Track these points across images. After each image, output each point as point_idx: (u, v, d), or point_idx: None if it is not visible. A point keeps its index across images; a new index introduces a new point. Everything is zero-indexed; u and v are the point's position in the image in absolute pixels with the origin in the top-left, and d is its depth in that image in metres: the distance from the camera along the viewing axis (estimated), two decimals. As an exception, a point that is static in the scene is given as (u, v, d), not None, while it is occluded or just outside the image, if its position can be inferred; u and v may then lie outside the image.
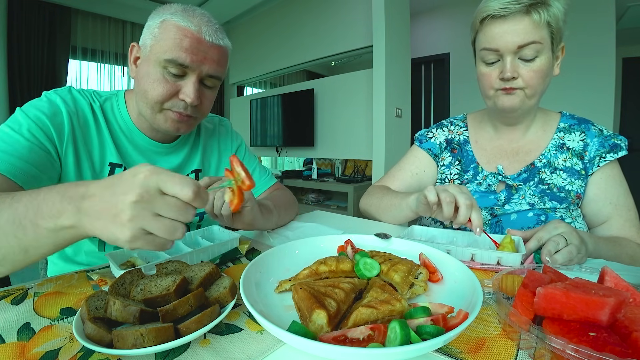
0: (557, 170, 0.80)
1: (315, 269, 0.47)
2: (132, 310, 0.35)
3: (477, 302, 0.35)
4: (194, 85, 0.66)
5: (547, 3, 0.68)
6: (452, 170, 0.92)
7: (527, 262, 0.57)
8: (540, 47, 0.69)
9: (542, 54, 0.70)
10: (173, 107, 0.68)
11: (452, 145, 0.96)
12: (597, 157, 0.77)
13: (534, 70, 0.70)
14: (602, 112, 2.90)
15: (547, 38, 0.69)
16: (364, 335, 0.32)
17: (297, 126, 3.58)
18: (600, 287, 0.33)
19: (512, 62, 0.71)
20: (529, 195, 0.79)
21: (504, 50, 0.71)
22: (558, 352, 0.29)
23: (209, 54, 0.67)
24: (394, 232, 0.64)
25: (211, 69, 0.68)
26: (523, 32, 0.68)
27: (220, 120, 0.98)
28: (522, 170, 0.82)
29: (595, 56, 2.92)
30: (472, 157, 0.91)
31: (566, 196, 0.77)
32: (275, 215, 0.80)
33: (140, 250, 0.59)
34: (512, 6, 0.68)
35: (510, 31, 0.69)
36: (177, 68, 0.65)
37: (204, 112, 0.74)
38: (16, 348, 0.35)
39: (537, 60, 0.70)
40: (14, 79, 3.15)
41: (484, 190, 0.85)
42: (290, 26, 3.69)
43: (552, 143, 0.83)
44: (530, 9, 0.67)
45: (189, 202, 0.37)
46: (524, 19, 0.68)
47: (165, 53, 0.64)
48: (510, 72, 0.70)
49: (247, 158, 0.97)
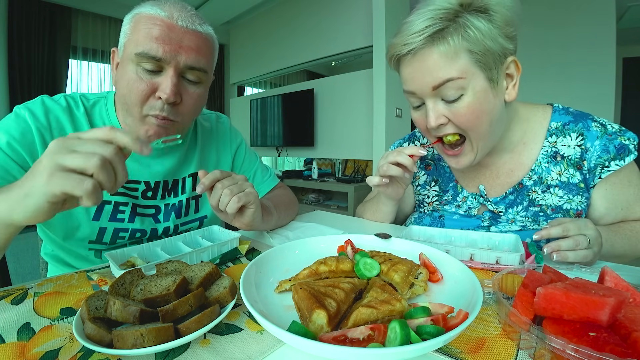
0: (551, 188, 0.68)
1: (315, 269, 0.47)
2: (132, 310, 0.35)
3: (477, 302, 0.34)
4: (171, 80, 0.59)
5: (458, 27, 0.55)
6: (430, 192, 0.84)
7: (528, 262, 0.57)
8: (463, 82, 0.57)
9: (469, 89, 0.57)
10: (151, 111, 0.61)
11: (426, 161, 0.85)
12: (598, 166, 0.64)
13: (462, 112, 0.59)
14: (602, 112, 2.90)
15: (472, 67, 0.56)
16: (364, 335, 0.32)
17: (298, 126, 3.58)
18: (600, 287, 0.33)
19: (434, 107, 0.60)
20: (519, 219, 0.70)
21: (420, 94, 0.61)
22: (558, 352, 0.29)
23: (184, 41, 0.60)
24: (394, 232, 0.64)
25: (189, 58, 0.60)
26: (434, 70, 0.57)
27: (218, 118, 0.92)
28: (507, 192, 0.71)
29: (596, 56, 2.92)
30: (449, 175, 0.81)
31: (564, 216, 0.68)
32: (275, 216, 0.79)
33: (140, 250, 0.59)
34: (413, 40, 0.57)
35: (419, 70, 0.59)
36: (151, 62, 0.58)
37: (188, 115, 0.66)
38: (16, 348, 0.35)
39: (463, 98, 0.58)
40: (14, 79, 3.16)
41: (464, 214, 0.76)
42: (290, 26, 3.70)
43: (543, 153, 0.70)
44: (435, 41, 0.56)
45: (105, 137, 0.41)
46: (432, 53, 0.57)
47: (137, 47, 0.58)
48: (433, 121, 0.60)
49: (248, 158, 0.94)
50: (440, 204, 0.82)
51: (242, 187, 0.63)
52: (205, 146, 0.86)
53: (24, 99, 3.09)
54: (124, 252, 0.57)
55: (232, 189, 0.61)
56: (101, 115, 0.71)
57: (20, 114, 0.62)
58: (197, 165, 0.82)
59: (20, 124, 0.60)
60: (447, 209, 0.80)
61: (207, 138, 0.87)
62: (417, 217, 0.86)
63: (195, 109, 0.67)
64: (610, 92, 2.89)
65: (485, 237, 0.66)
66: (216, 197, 0.61)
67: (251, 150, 0.97)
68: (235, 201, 0.60)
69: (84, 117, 0.68)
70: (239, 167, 0.93)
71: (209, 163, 0.86)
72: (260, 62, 4.16)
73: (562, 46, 3.04)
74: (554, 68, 3.01)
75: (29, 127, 0.60)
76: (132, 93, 0.60)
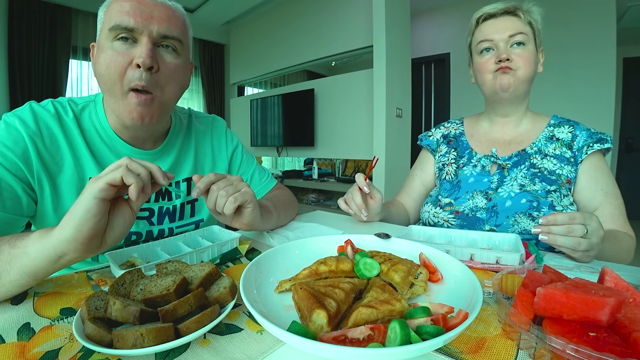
0: (548, 157, 0.86)
1: (315, 269, 0.47)
2: (132, 310, 0.35)
3: (477, 302, 0.34)
4: (146, 46, 0.61)
5: (528, 10, 0.87)
6: (449, 157, 1.01)
7: (528, 262, 0.57)
8: (526, 37, 0.84)
9: (528, 43, 0.84)
10: (131, 82, 0.61)
11: (449, 139, 1.06)
12: (585, 146, 0.84)
13: (523, 54, 0.84)
14: (602, 111, 2.90)
15: (531, 33, 0.85)
16: (364, 335, 0.32)
17: (298, 126, 3.58)
18: (600, 287, 0.33)
19: (506, 48, 0.85)
20: (520, 177, 0.85)
21: (498, 39, 0.85)
22: (558, 352, 0.29)
23: (154, 12, 0.62)
24: (394, 232, 0.64)
25: (162, 27, 0.63)
26: (512, 26, 0.85)
27: (214, 120, 0.92)
28: (513, 154, 0.90)
29: (596, 56, 2.92)
30: (466, 145, 1.00)
31: (557, 179, 0.83)
32: (275, 216, 0.79)
33: (140, 250, 0.59)
34: (502, 7, 0.87)
35: (501, 25, 0.86)
36: (125, 33, 0.60)
37: (167, 87, 0.66)
38: (16, 348, 0.35)
39: (523, 47, 0.84)
40: (15, 79, 3.15)
41: (479, 172, 0.92)
42: (290, 26, 3.70)
43: (543, 135, 0.90)
44: (516, 11, 0.86)
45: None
46: (512, 17, 0.86)
47: (110, 23, 0.61)
48: (505, 54, 0.84)
49: (245, 160, 0.94)
50: (459, 167, 0.97)
51: (237, 188, 0.62)
52: (199, 149, 0.85)
53: (24, 99, 3.09)
54: (123, 252, 0.57)
55: (228, 189, 0.61)
56: (91, 119, 0.70)
57: (10, 122, 0.61)
58: (192, 168, 0.82)
59: (11, 132, 0.60)
60: (465, 170, 0.95)
61: (201, 140, 0.86)
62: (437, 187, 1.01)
63: (173, 80, 0.67)
64: (610, 93, 2.89)
65: (486, 237, 0.66)
66: (212, 200, 0.61)
67: (248, 153, 0.96)
68: (231, 202, 0.60)
69: (73, 123, 0.67)
70: (236, 170, 0.92)
71: (204, 166, 0.86)
72: (261, 62, 4.16)
73: (562, 47, 3.04)
74: (554, 70, 3.01)
75: (20, 135, 0.60)
76: (110, 68, 0.60)
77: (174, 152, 0.79)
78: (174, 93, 0.68)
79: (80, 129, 0.68)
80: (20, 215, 0.61)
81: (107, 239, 0.47)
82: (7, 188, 0.58)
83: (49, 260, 0.44)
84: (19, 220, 0.61)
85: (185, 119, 0.86)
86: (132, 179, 0.45)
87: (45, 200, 0.64)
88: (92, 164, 0.67)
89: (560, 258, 0.63)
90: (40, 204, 0.64)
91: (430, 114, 4.53)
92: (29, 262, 0.44)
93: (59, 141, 0.65)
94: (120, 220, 0.49)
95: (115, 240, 0.49)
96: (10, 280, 0.44)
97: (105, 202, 0.45)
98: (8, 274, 0.43)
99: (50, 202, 0.64)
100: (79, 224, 0.43)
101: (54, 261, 0.44)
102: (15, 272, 0.44)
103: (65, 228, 0.43)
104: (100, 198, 0.43)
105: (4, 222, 0.57)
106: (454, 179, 0.96)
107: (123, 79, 0.61)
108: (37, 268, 0.44)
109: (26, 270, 0.44)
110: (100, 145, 0.70)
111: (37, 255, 0.44)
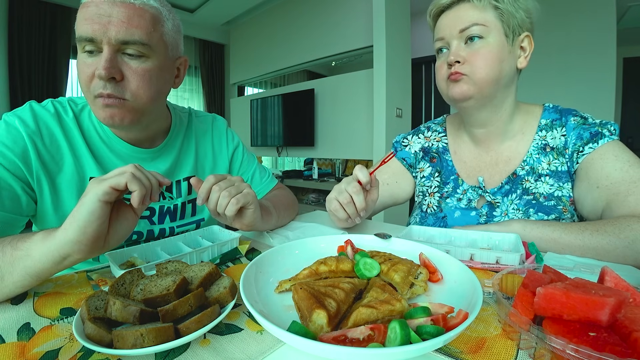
0: (542, 177, 0.74)
1: (315, 269, 0.47)
2: (132, 310, 0.35)
3: (477, 302, 0.34)
4: (104, 56, 0.58)
5: None
6: (432, 182, 0.88)
7: (528, 262, 0.57)
8: (484, 29, 0.68)
9: (489, 35, 0.68)
10: (95, 91, 0.59)
11: (431, 154, 0.91)
12: (574, 152, 0.71)
13: (480, 51, 0.68)
14: (602, 111, 2.90)
15: (495, 20, 0.68)
16: (364, 335, 0.32)
17: (298, 126, 3.58)
18: (600, 287, 0.33)
19: (457, 47, 0.71)
20: (511, 210, 0.75)
21: (448, 36, 0.72)
22: (558, 352, 0.29)
23: (113, 15, 0.58)
24: (394, 232, 0.64)
25: (120, 32, 0.58)
26: (464, 17, 0.70)
27: (214, 119, 0.91)
28: (503, 182, 0.77)
29: (596, 56, 2.92)
30: (452, 168, 0.86)
31: (556, 204, 0.72)
32: (275, 216, 0.79)
33: (140, 250, 0.59)
34: None
35: (453, 18, 0.71)
36: (88, 44, 0.58)
37: (137, 91, 0.62)
38: (16, 348, 0.35)
39: (482, 41, 0.68)
40: (15, 79, 3.15)
41: (465, 206, 0.81)
42: (290, 26, 3.70)
43: (534, 146, 0.76)
44: None
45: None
46: (466, 6, 0.70)
47: (76, 34, 0.59)
48: (453, 55, 0.70)
49: (246, 160, 0.94)
50: (442, 197, 0.85)
51: (239, 189, 0.62)
52: (200, 148, 0.85)
53: (24, 99, 3.09)
54: (124, 252, 0.57)
55: (230, 190, 0.60)
56: (91, 119, 0.70)
57: (10, 122, 0.61)
58: (192, 167, 0.82)
59: (10, 132, 0.60)
60: (449, 203, 0.83)
61: (203, 140, 0.86)
62: (421, 217, 0.88)
63: (145, 85, 0.63)
64: (610, 93, 2.89)
65: (485, 237, 0.66)
66: (214, 201, 0.60)
67: (249, 152, 0.96)
68: (233, 203, 0.60)
69: (73, 122, 0.67)
70: (236, 169, 0.92)
71: (205, 165, 0.85)
72: (261, 62, 4.16)
73: (562, 48, 3.04)
74: (554, 70, 3.01)
75: (20, 134, 0.60)
76: (80, 78, 0.61)
77: (174, 151, 0.79)
78: (149, 97, 0.64)
79: (80, 129, 0.68)
80: (19, 215, 0.61)
81: (110, 240, 0.48)
82: (7, 187, 0.58)
83: (53, 261, 0.44)
84: (19, 219, 0.61)
85: (186, 118, 0.86)
86: (135, 186, 0.46)
87: (44, 200, 0.64)
88: (92, 164, 0.68)
89: (560, 258, 0.63)
90: (40, 204, 0.64)
91: (430, 114, 4.53)
92: (32, 264, 0.44)
93: (59, 141, 0.65)
94: (124, 222, 0.49)
95: (118, 241, 0.49)
96: (13, 281, 0.44)
97: (108, 205, 0.45)
98: (11, 275, 0.44)
99: (50, 202, 0.64)
100: (82, 226, 0.43)
101: (58, 262, 0.45)
102: (18, 274, 0.44)
103: (69, 230, 0.43)
104: (104, 201, 0.44)
105: (3, 222, 0.57)
106: (437, 211, 0.85)
107: (90, 88, 0.60)
108: (40, 269, 0.44)
109: (29, 272, 0.44)
110: (100, 144, 0.70)
111: (41, 257, 0.44)
